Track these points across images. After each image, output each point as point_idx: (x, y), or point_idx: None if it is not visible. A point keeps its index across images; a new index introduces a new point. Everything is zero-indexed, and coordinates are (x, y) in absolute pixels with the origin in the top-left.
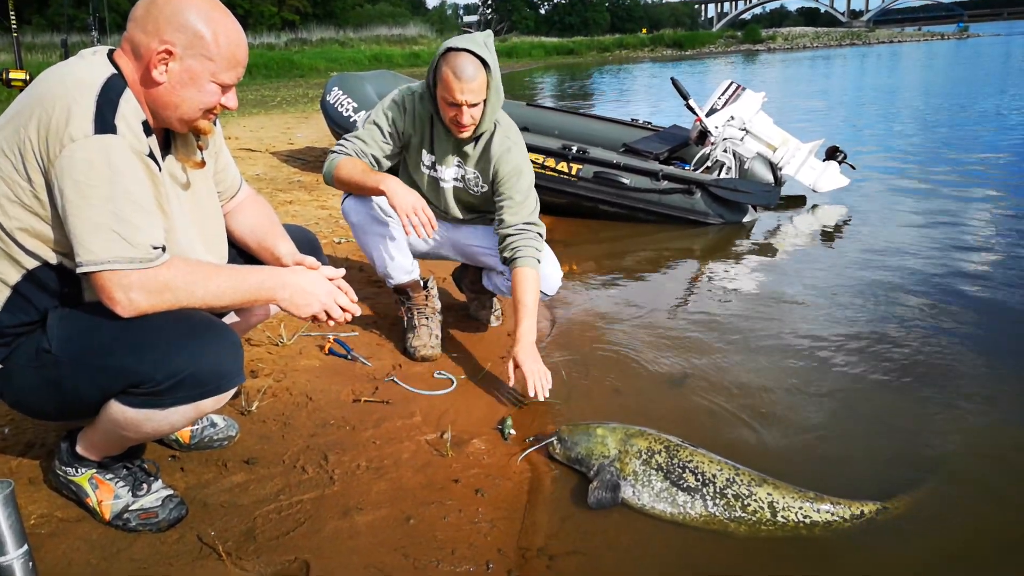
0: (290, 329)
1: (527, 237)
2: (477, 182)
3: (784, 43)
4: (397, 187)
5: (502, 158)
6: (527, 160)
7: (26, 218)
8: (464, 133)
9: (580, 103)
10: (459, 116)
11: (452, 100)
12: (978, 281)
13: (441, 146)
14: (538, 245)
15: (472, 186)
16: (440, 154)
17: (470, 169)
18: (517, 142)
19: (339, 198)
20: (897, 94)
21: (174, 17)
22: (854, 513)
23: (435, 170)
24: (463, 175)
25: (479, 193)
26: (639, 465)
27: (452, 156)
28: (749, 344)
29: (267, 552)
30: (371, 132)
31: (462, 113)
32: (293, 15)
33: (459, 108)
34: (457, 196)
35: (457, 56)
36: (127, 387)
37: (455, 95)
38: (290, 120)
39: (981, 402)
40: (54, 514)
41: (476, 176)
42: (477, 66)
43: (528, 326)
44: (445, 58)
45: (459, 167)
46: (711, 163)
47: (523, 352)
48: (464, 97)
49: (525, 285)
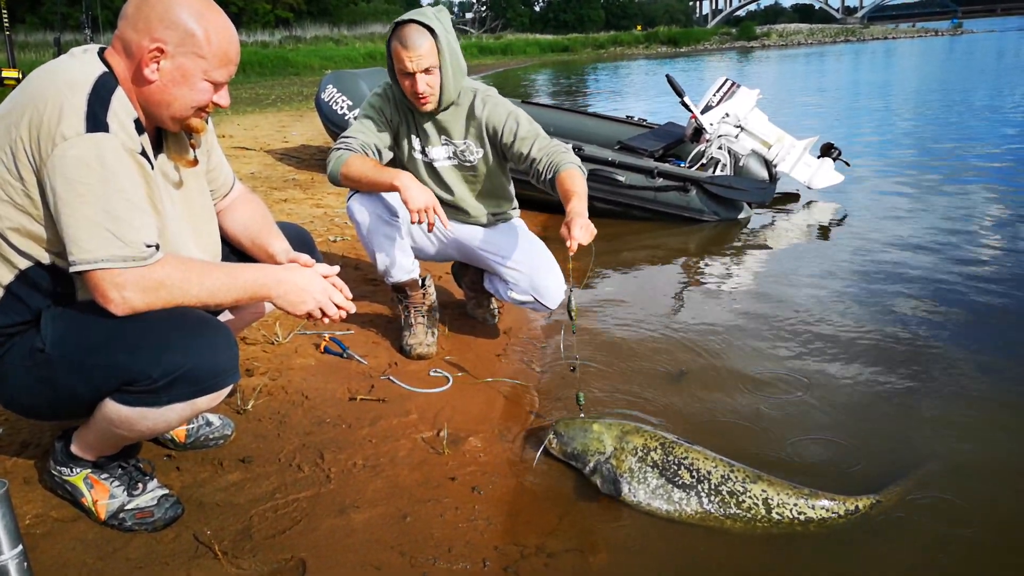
0: (285, 327)
1: (560, 152)
2: (470, 150)
3: (779, 40)
4: (411, 184)
5: (491, 114)
6: (514, 106)
7: (18, 218)
8: (427, 104)
9: (575, 100)
10: (415, 85)
11: (403, 69)
12: (974, 277)
13: (423, 129)
14: (572, 157)
15: (467, 158)
16: (424, 137)
17: (459, 142)
18: (497, 97)
19: (335, 196)
20: (891, 90)
21: (165, 15)
22: (849, 508)
23: (425, 154)
24: (453, 151)
25: (476, 161)
26: (635, 462)
27: (437, 135)
28: (744, 341)
29: (263, 551)
30: (366, 125)
31: (416, 82)
32: (287, 12)
33: (412, 77)
34: (457, 175)
35: (403, 28)
36: (122, 385)
37: (405, 64)
38: (284, 118)
39: (980, 396)
40: (49, 514)
41: (467, 144)
42: (422, 32)
43: (580, 204)
44: (394, 33)
45: (446, 144)
46: (706, 160)
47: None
48: (413, 64)
49: (573, 178)
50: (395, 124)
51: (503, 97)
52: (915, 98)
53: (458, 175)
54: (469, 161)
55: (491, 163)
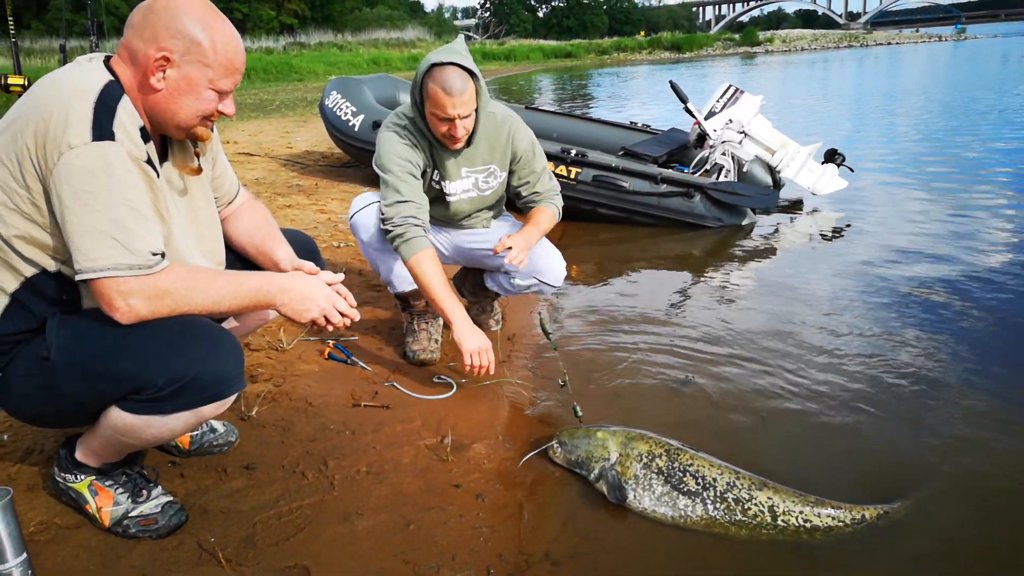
0: (290, 334)
1: (551, 196)
2: (494, 175)
3: (782, 45)
4: (465, 326)
5: (515, 137)
6: (533, 136)
7: (24, 226)
8: (458, 145)
9: (578, 106)
10: (453, 130)
11: (444, 116)
12: (980, 283)
13: (445, 163)
14: (560, 201)
15: (489, 183)
16: (445, 171)
17: (480, 167)
18: (521, 123)
19: (339, 202)
20: (895, 96)
21: (171, 24)
22: (855, 517)
23: (442, 186)
24: (474, 181)
25: (495, 186)
26: (640, 469)
27: (459, 168)
28: (748, 347)
29: (267, 558)
30: (413, 187)
31: (455, 127)
32: (292, 19)
33: (452, 123)
34: (469, 203)
35: (443, 71)
36: (127, 393)
37: (447, 111)
38: (289, 124)
39: (986, 406)
40: (53, 521)
41: (491, 169)
42: (464, 78)
43: (531, 229)
44: (430, 75)
45: (468, 176)
46: (710, 166)
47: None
48: (457, 111)
49: (543, 212)
50: (422, 166)
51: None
52: (919, 103)
53: (471, 203)
54: (489, 186)
55: (504, 184)
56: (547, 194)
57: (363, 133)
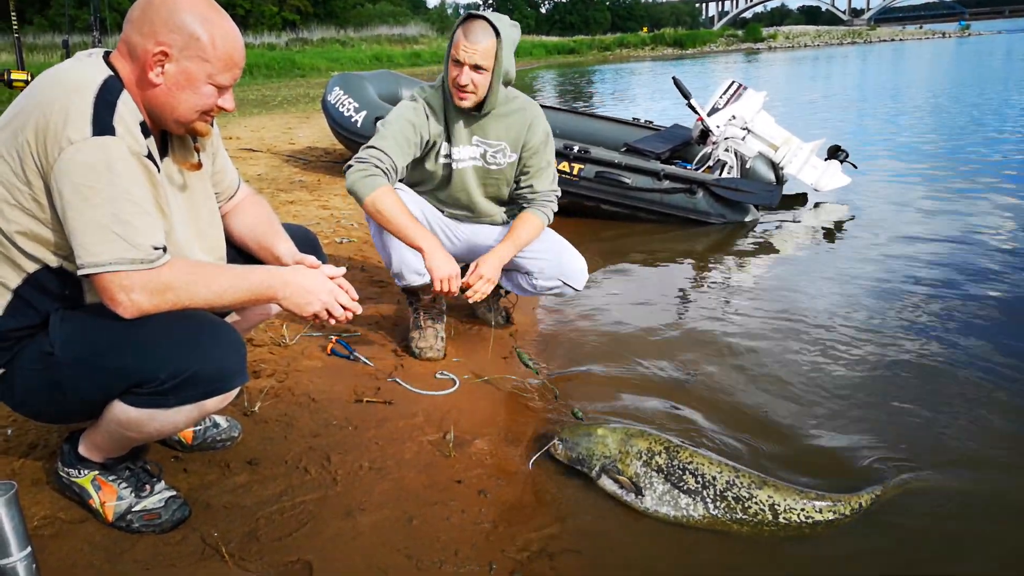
0: (292, 330)
1: (546, 202)
2: (504, 153)
3: (785, 42)
4: (435, 252)
5: (533, 124)
6: (550, 133)
7: (26, 221)
8: (464, 101)
9: (581, 102)
10: (460, 76)
11: (456, 56)
12: (983, 279)
13: (457, 125)
14: (553, 208)
15: (497, 159)
16: (454, 134)
17: (493, 142)
18: (540, 112)
19: (341, 198)
20: (899, 93)
21: (170, 18)
22: (854, 507)
23: (450, 155)
24: (483, 152)
25: (504, 165)
26: (640, 466)
27: (469, 135)
28: (751, 344)
29: (270, 553)
30: (397, 140)
31: (462, 73)
32: (294, 15)
33: (461, 68)
34: (475, 178)
35: (473, 20)
36: (130, 387)
37: (459, 52)
38: (291, 120)
39: (984, 399)
40: (57, 516)
41: (502, 147)
42: (488, 31)
43: (508, 246)
44: (463, 21)
45: (477, 144)
46: (713, 162)
47: (486, 259)
48: (467, 56)
49: (527, 222)
50: (430, 143)
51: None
52: (922, 100)
53: (476, 178)
54: (497, 163)
55: (513, 168)
56: (541, 196)
57: (365, 129)
